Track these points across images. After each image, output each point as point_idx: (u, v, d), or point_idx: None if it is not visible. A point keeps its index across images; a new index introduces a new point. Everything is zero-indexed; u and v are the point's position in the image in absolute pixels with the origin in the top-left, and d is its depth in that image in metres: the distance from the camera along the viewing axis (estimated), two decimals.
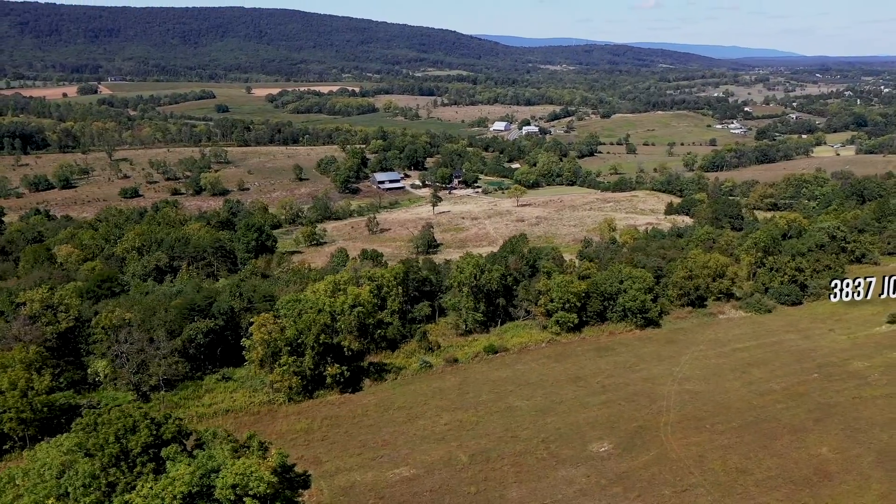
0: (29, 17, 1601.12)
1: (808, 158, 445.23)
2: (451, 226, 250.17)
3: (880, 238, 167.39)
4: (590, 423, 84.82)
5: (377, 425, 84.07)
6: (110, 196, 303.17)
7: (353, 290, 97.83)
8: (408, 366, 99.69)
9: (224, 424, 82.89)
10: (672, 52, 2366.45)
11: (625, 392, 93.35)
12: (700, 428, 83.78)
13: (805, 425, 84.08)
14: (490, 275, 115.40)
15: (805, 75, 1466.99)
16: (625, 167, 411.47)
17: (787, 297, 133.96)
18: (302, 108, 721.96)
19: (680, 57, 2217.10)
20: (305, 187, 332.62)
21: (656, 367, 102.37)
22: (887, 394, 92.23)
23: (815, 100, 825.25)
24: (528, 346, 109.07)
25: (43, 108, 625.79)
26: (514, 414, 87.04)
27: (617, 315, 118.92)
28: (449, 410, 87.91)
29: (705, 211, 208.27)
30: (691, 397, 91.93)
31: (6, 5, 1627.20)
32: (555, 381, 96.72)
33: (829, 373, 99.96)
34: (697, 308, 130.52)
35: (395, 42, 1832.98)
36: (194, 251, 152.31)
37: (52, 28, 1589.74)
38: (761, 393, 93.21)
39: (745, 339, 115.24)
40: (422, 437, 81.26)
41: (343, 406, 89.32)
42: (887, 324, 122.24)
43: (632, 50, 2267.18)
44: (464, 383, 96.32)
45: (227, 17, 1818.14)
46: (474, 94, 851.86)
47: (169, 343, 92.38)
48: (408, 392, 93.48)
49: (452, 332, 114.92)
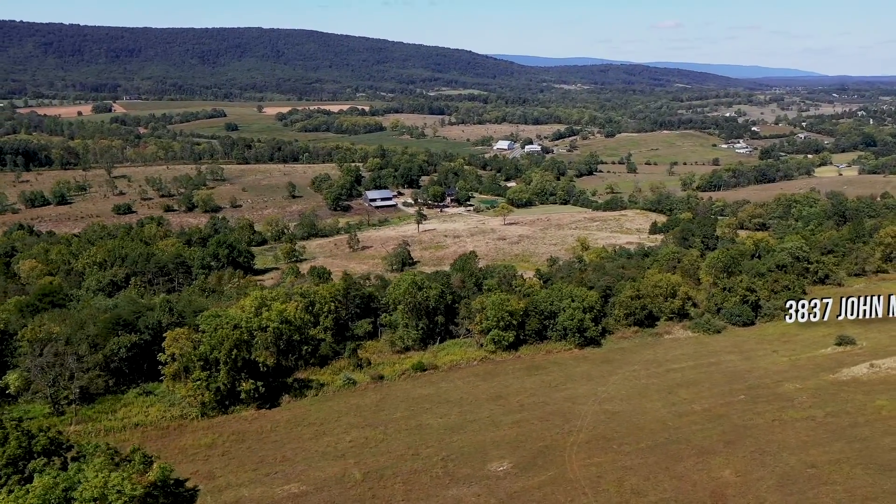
0: (53, 38, 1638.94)
1: (810, 178, 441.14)
2: (433, 244, 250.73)
3: (847, 259, 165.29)
4: (496, 442, 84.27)
5: (282, 441, 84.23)
6: (104, 212, 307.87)
7: (278, 307, 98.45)
8: (331, 382, 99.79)
9: (131, 438, 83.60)
10: (688, 71, 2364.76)
11: (542, 411, 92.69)
12: (606, 448, 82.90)
13: (714, 447, 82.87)
14: (428, 292, 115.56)
15: (821, 95, 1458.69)
16: (621, 186, 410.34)
17: (738, 318, 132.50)
18: (310, 127, 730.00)
19: (696, 76, 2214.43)
20: (298, 205, 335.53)
21: (583, 386, 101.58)
22: (807, 416, 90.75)
23: (826, 119, 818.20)
24: (460, 364, 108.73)
25: (55, 126, 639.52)
26: (422, 432, 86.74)
27: (557, 334, 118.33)
28: (358, 427, 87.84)
29: (674, 231, 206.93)
30: (608, 417, 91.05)
31: (32, 26, 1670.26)
32: (474, 400, 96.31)
33: (756, 394, 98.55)
34: (646, 328, 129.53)
35: (411, 62, 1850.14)
36: (155, 267, 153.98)
37: (76, 48, 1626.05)
38: (680, 414, 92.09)
39: (684, 359, 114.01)
40: (322, 453, 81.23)
41: (255, 422, 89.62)
42: (834, 346, 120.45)
43: (648, 69, 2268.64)
44: (383, 400, 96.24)
45: (245, 37, 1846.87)
46: (482, 113, 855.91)
47: (92, 357, 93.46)
48: (324, 408, 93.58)
49: (389, 349, 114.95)
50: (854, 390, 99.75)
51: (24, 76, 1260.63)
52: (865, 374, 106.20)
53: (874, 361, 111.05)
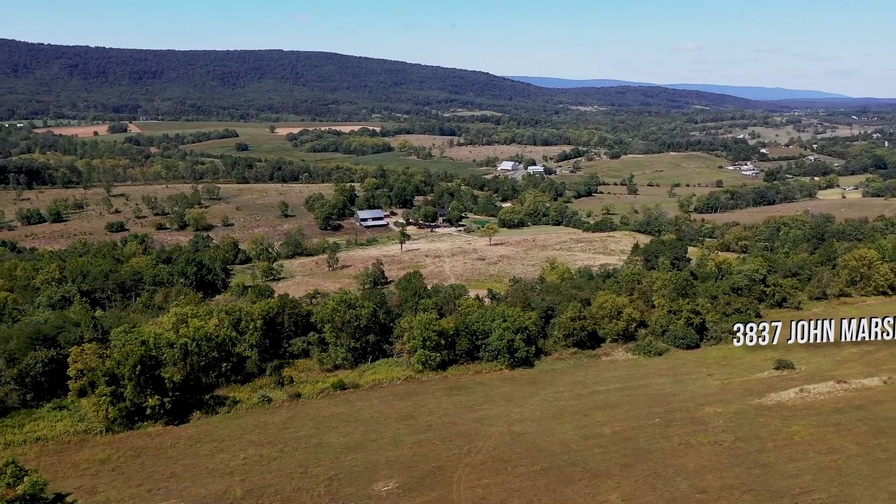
0: (79, 60, 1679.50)
1: (812, 201, 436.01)
2: (412, 263, 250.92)
3: (810, 283, 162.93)
4: (390, 462, 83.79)
5: (177, 458, 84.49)
6: (97, 230, 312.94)
7: (196, 323, 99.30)
8: (247, 399, 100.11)
9: (29, 453, 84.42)
10: (707, 93, 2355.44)
11: (447, 432, 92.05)
12: (499, 470, 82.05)
13: (610, 471, 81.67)
14: (359, 311, 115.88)
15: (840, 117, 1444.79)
16: (617, 208, 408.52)
17: (682, 341, 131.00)
18: (319, 147, 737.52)
19: (715, 98, 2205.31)
20: (289, 223, 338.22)
21: (499, 407, 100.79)
22: (716, 441, 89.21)
23: (839, 142, 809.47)
24: (382, 383, 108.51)
25: (69, 146, 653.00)
26: (319, 450, 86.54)
27: (489, 354, 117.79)
28: (258, 445, 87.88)
29: (638, 252, 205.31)
30: (512, 439, 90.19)
31: (59, 49, 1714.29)
32: (384, 419, 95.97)
33: (673, 418, 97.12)
34: (587, 349, 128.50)
35: (428, 83, 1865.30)
36: (113, 283, 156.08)
37: (100, 70, 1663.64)
38: (587, 436, 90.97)
39: (613, 381, 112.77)
40: (212, 470, 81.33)
41: (158, 438, 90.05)
42: (772, 370, 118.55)
43: (666, 91, 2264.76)
44: (292, 419, 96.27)
45: (265, 59, 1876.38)
46: (492, 134, 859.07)
47: (8, 371, 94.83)
48: (232, 426, 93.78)
49: (318, 367, 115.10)
50: (774, 415, 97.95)
51: (49, 97, 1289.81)
52: (792, 399, 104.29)
53: (805, 386, 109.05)
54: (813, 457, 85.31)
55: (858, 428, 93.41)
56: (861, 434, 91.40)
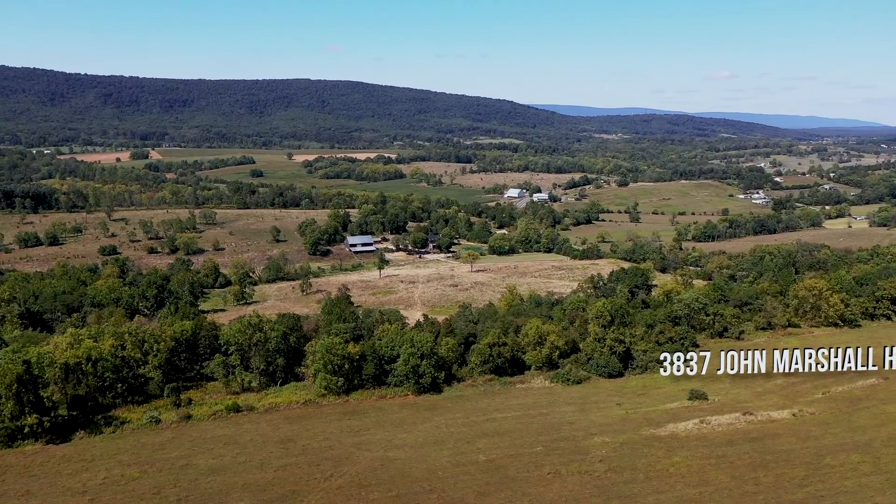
0: (113, 89, 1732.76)
1: (815, 230, 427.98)
2: (385, 289, 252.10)
3: (759, 314, 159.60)
4: (248, 485, 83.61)
5: (38, 476, 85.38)
6: (90, 253, 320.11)
7: (88, 343, 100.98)
8: (135, 420, 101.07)
9: None
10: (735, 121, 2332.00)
11: (320, 456, 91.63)
12: (354, 496, 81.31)
13: (465, 498, 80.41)
14: (269, 334, 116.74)
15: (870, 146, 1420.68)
16: (614, 236, 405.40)
17: (604, 369, 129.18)
18: (332, 174, 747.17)
19: (743, 126, 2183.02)
20: (279, 248, 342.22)
21: (385, 432, 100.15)
22: (587, 471, 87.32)
23: (860, 170, 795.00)
24: (280, 406, 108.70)
25: (89, 172, 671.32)
26: (183, 472, 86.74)
27: (396, 379, 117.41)
28: (125, 465, 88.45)
29: (589, 279, 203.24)
30: (381, 464, 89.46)
31: (94, 78, 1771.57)
32: (262, 442, 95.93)
33: (557, 447, 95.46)
34: (507, 376, 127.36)
35: (452, 111, 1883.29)
36: (62, 304, 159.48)
37: (132, 99, 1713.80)
38: (459, 464, 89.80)
39: (515, 409, 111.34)
40: (67, 489, 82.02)
41: (33, 456, 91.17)
42: (686, 400, 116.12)
43: (692, 119, 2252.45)
44: (173, 440, 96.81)
45: (293, 88, 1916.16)
46: (506, 162, 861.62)
47: None
48: (110, 446, 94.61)
49: (224, 389, 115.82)
50: (661, 446, 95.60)
51: (81, 125, 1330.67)
52: (687, 431, 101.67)
53: (707, 417, 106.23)
54: (680, 489, 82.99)
55: (742, 460, 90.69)
56: (741, 467, 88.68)
